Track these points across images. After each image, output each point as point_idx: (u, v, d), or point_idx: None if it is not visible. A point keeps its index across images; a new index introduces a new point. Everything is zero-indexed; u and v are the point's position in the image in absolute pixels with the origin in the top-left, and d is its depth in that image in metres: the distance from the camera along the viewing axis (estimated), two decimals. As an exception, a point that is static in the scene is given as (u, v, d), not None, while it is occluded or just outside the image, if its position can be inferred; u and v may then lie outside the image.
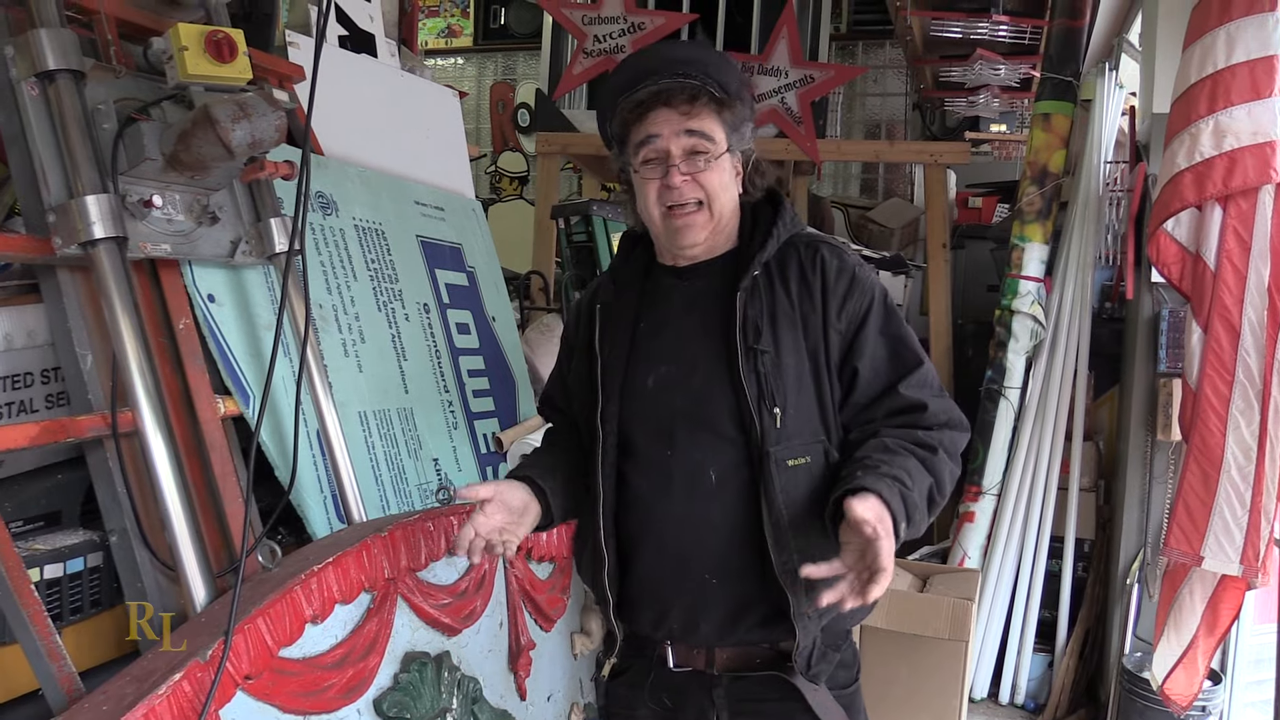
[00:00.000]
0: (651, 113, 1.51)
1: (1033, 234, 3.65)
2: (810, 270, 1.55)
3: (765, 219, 1.60)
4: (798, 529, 1.46)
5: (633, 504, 1.56)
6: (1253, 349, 2.54)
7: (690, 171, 1.50)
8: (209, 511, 1.69)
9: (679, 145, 1.50)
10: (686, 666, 1.58)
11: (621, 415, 1.57)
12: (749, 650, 1.56)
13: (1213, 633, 2.69)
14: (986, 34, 4.57)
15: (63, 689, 1.35)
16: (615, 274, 1.70)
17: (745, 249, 1.59)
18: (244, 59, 1.63)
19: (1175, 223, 2.71)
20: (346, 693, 1.54)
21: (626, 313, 1.62)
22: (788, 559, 1.45)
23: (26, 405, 1.63)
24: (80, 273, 1.60)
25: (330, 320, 2.15)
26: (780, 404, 1.48)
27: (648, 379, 1.57)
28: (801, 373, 1.52)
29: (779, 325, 1.52)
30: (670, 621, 1.56)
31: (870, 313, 1.54)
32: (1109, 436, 3.80)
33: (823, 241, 1.60)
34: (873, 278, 1.59)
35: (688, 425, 1.52)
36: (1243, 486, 2.55)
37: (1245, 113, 2.48)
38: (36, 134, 1.51)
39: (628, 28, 4.78)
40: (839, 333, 1.53)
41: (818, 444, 1.51)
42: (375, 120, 2.60)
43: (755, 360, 1.49)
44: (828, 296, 1.53)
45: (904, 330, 1.57)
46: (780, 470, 1.47)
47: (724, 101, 1.52)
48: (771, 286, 1.55)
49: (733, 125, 1.54)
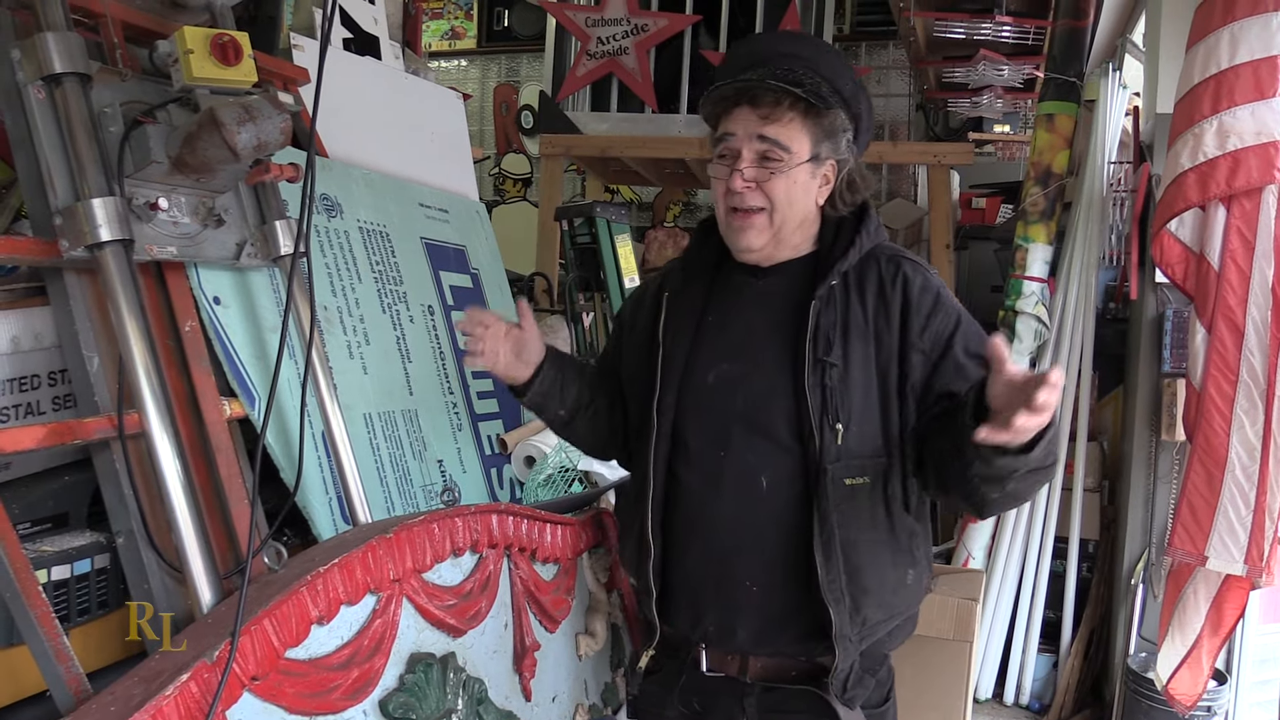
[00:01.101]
0: (735, 109, 1.48)
1: (1037, 235, 3.65)
2: (890, 285, 1.50)
3: (849, 226, 1.54)
4: (849, 548, 1.43)
5: (681, 499, 1.54)
6: (1257, 349, 2.53)
7: (755, 178, 1.45)
8: (215, 513, 1.70)
9: (751, 148, 1.45)
10: (719, 672, 1.56)
11: (678, 408, 1.54)
12: (784, 661, 1.53)
13: (1217, 632, 2.69)
14: (990, 35, 4.57)
15: (70, 690, 1.35)
16: (686, 263, 1.65)
17: (825, 255, 1.53)
18: (249, 62, 1.63)
19: (1179, 223, 2.71)
20: (352, 694, 1.54)
21: (694, 303, 1.59)
22: (835, 577, 1.43)
23: (34, 407, 1.64)
24: (87, 275, 1.61)
25: (335, 322, 2.15)
26: (844, 420, 1.44)
27: (708, 374, 1.53)
28: (869, 390, 1.47)
29: (850, 338, 1.47)
30: (706, 624, 1.54)
31: (957, 331, 1.48)
32: (1113, 437, 3.80)
33: (905, 257, 1.55)
34: (955, 299, 1.53)
35: (744, 428, 1.49)
36: (1247, 486, 2.55)
37: (1249, 113, 2.48)
38: (43, 137, 1.52)
39: (631, 29, 4.79)
40: (922, 353, 1.47)
41: (878, 464, 1.46)
42: (379, 122, 2.60)
43: (823, 372, 1.45)
44: (909, 315, 1.48)
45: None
46: (836, 488, 1.43)
47: (815, 108, 1.45)
48: (847, 297, 1.50)
49: (825, 133, 1.47)
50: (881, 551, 1.47)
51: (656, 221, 7.42)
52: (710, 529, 1.51)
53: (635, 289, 1.81)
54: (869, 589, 1.46)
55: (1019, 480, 1.34)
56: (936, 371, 1.47)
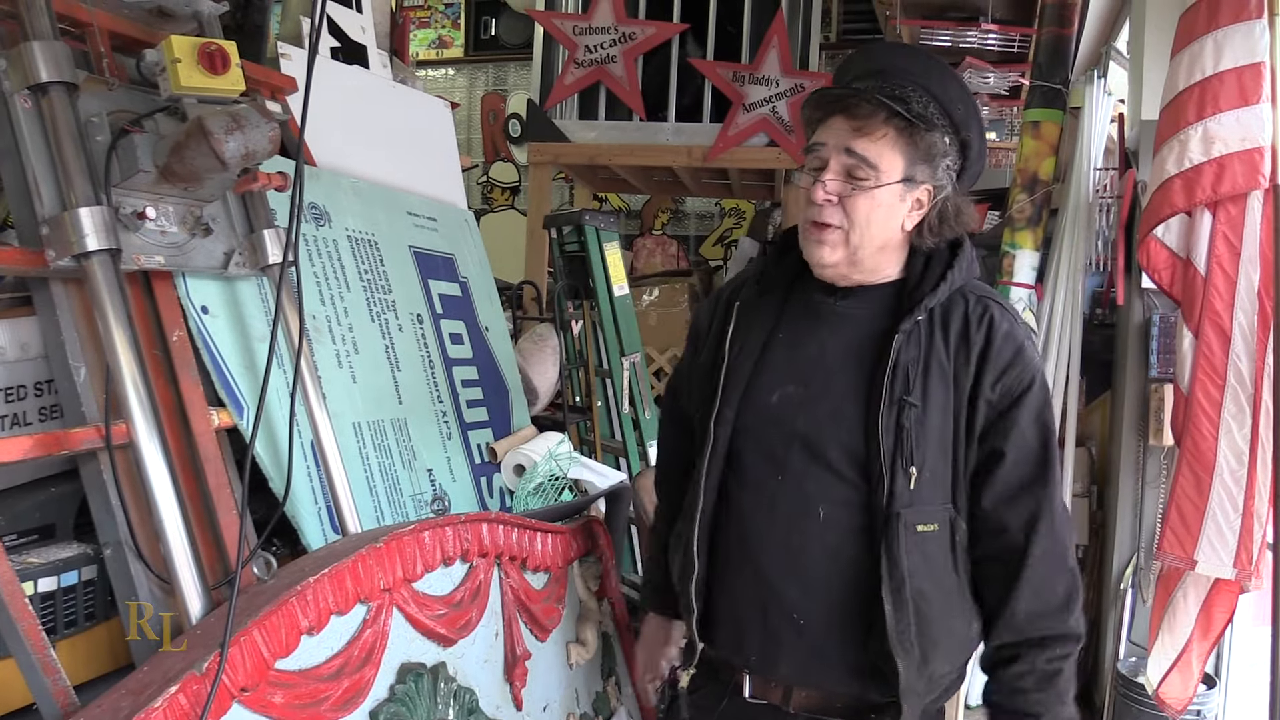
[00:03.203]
0: (831, 118, 1.41)
1: (1023, 241, 3.67)
2: (975, 327, 1.43)
3: (941, 258, 1.47)
4: (919, 598, 1.38)
5: (732, 520, 1.49)
6: (1244, 353, 2.55)
7: (837, 192, 1.39)
8: (204, 524, 1.69)
9: (838, 161, 1.39)
10: (762, 700, 1.51)
11: (736, 424, 1.49)
12: (830, 694, 1.48)
13: (1207, 636, 2.69)
14: (976, 42, 4.59)
15: (57, 703, 1.34)
16: (763, 273, 1.58)
17: (914, 287, 1.46)
18: (237, 71, 1.63)
19: (1165, 228, 2.72)
20: (343, 704, 1.53)
21: (766, 318, 1.53)
22: (905, 628, 1.37)
23: (20, 418, 1.63)
24: (74, 285, 1.60)
25: (324, 331, 2.15)
26: (919, 464, 1.38)
27: (773, 394, 1.47)
28: (945, 434, 1.41)
29: (931, 378, 1.41)
30: (748, 651, 1.49)
31: (1029, 393, 1.42)
32: (1101, 442, 3.81)
33: (994, 300, 1.47)
34: (1038, 359, 1.47)
35: (805, 454, 1.43)
36: (1235, 490, 2.56)
37: (1234, 119, 2.49)
38: (29, 146, 1.51)
39: (619, 38, 4.80)
40: (989, 403, 1.41)
41: (945, 510, 1.42)
42: (368, 131, 2.60)
43: (900, 412, 1.39)
44: (986, 361, 1.41)
45: (1053, 423, 1.46)
46: (909, 533, 1.38)
47: (914, 128, 1.37)
48: (932, 335, 1.43)
49: (921, 155, 1.39)
50: (952, 602, 1.43)
51: (645, 229, 7.44)
52: (759, 554, 1.45)
53: (712, 294, 1.73)
54: (939, 641, 1.41)
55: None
56: (996, 426, 1.42)
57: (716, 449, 1.49)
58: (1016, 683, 1.42)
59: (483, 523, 1.88)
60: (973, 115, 1.45)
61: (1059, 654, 1.42)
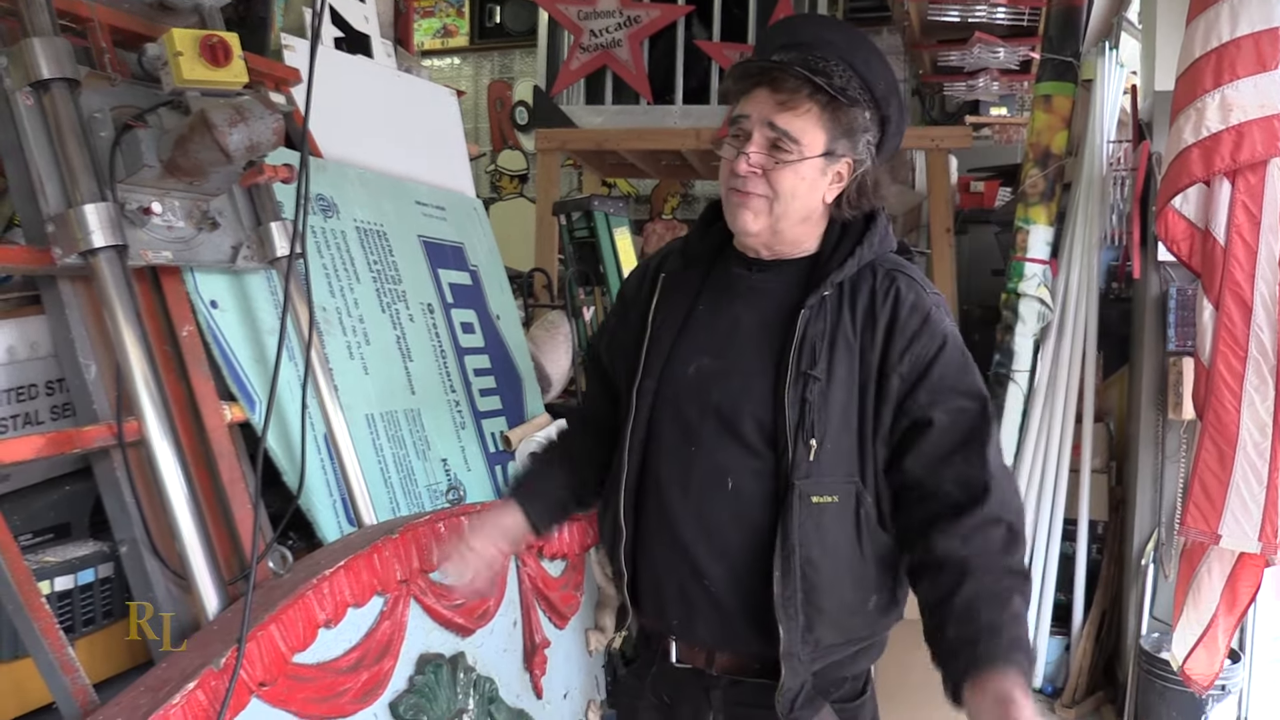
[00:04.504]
0: (755, 90, 1.40)
1: (1037, 216, 3.63)
2: (881, 299, 1.43)
3: (854, 232, 1.48)
4: (808, 566, 1.40)
5: (651, 489, 1.52)
6: (1265, 324, 2.51)
7: (760, 165, 1.40)
8: (218, 519, 1.68)
9: (761, 134, 1.39)
10: (687, 663, 1.55)
11: (656, 395, 1.51)
12: (747, 657, 1.51)
13: (1232, 611, 2.67)
14: (985, 17, 4.55)
15: (77, 702, 1.34)
16: (687, 246, 1.60)
17: (824, 261, 1.47)
18: (239, 63, 1.62)
19: (1183, 199, 2.69)
20: (362, 696, 1.53)
21: (688, 289, 1.55)
22: (790, 594, 1.40)
23: (32, 417, 1.62)
24: (81, 282, 1.59)
25: (334, 323, 2.14)
26: (819, 436, 1.39)
27: (689, 366, 1.50)
28: (849, 407, 1.42)
29: (836, 352, 1.42)
30: (670, 616, 1.52)
31: (939, 358, 1.41)
32: (1119, 417, 3.78)
33: (901, 271, 1.47)
34: (947, 322, 1.45)
35: (717, 428, 1.45)
36: (1259, 463, 2.53)
37: (1251, 85, 2.46)
38: (33, 144, 1.50)
39: (624, 21, 4.76)
40: (900, 376, 1.41)
41: (849, 484, 1.42)
42: (373, 121, 2.58)
43: (804, 386, 1.40)
44: (893, 334, 1.42)
45: (980, 385, 1.44)
46: (803, 504, 1.39)
47: (836, 103, 1.38)
48: (839, 308, 1.44)
49: (843, 130, 1.40)
50: (844, 574, 1.43)
51: (654, 214, 7.41)
52: (676, 522, 1.48)
53: (638, 264, 1.75)
54: (825, 610, 1.42)
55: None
56: (910, 397, 1.41)
57: (639, 419, 1.52)
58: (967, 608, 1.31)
59: (498, 512, 1.87)
60: (893, 91, 1.46)
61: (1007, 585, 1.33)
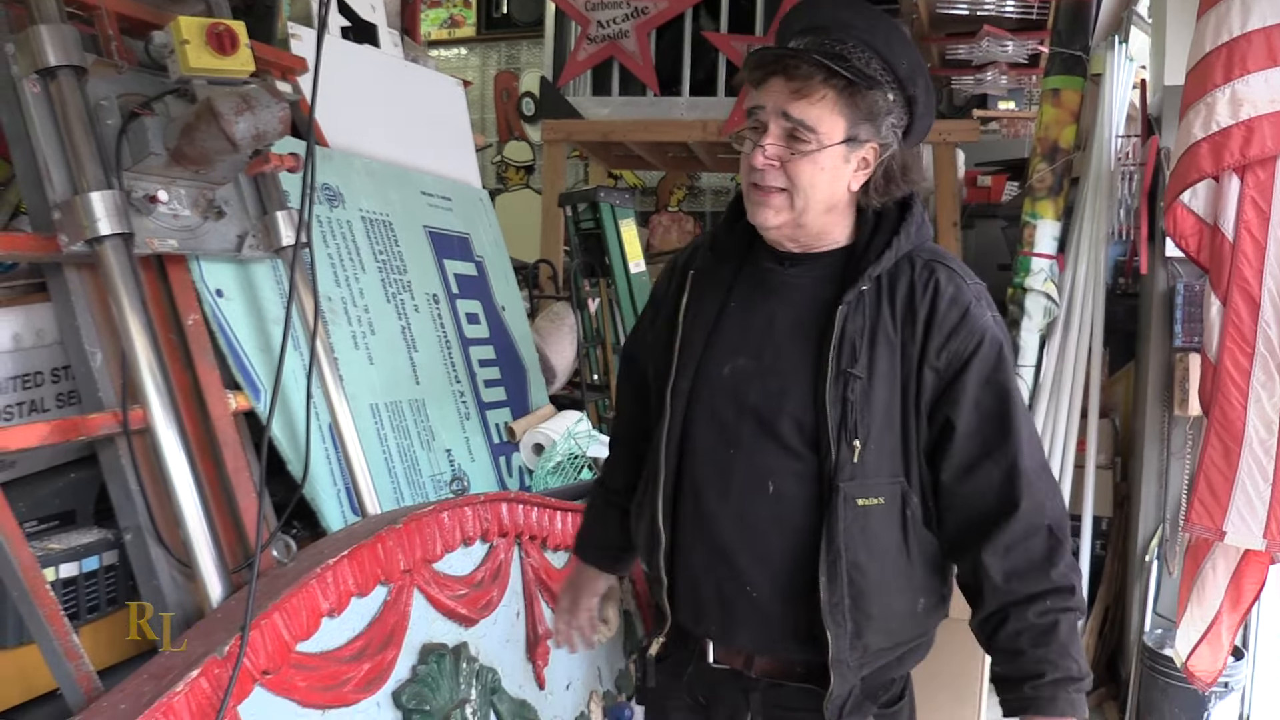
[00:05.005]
0: (770, 79, 1.35)
1: (1044, 211, 3.62)
2: (920, 293, 1.38)
3: (889, 222, 1.42)
4: (855, 571, 1.36)
5: (688, 493, 1.47)
6: (1273, 321, 2.50)
7: (778, 157, 1.34)
8: (223, 507, 1.69)
9: (778, 125, 1.34)
10: (725, 665, 1.51)
11: (691, 397, 1.47)
12: (789, 661, 1.47)
13: (1236, 608, 2.66)
14: (993, 10, 4.52)
15: (81, 688, 1.35)
16: (716, 240, 1.54)
17: (860, 253, 1.41)
18: (246, 51, 1.61)
19: (1192, 194, 2.67)
20: (365, 685, 1.53)
21: (718, 286, 1.50)
22: (838, 600, 1.36)
23: (38, 404, 1.63)
24: (87, 270, 1.59)
25: (339, 313, 2.14)
26: (862, 437, 1.35)
27: (724, 367, 1.45)
28: (892, 405, 1.37)
29: (877, 349, 1.37)
30: (708, 622, 1.48)
31: (975, 357, 1.36)
32: (1125, 413, 3.77)
33: (941, 263, 1.41)
34: (987, 318, 1.39)
35: (755, 429, 1.41)
36: (1265, 460, 2.52)
37: (1262, 80, 2.44)
38: (39, 131, 1.50)
39: (631, 12, 4.74)
40: (935, 371, 1.36)
41: (894, 485, 1.38)
42: (379, 111, 2.58)
43: (845, 385, 1.35)
44: (931, 328, 1.36)
45: (1012, 384, 1.39)
46: (848, 507, 1.35)
47: (854, 87, 1.32)
48: (878, 303, 1.39)
49: (864, 115, 1.34)
50: (892, 578, 1.40)
51: (660, 206, 7.40)
52: (714, 528, 1.44)
53: (670, 259, 1.73)
54: (873, 615, 1.39)
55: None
56: (945, 394, 1.37)
57: (673, 421, 1.48)
58: (1012, 644, 1.35)
59: (502, 502, 1.88)
60: (918, 70, 1.39)
61: (1050, 606, 1.34)
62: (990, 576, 1.36)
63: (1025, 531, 1.35)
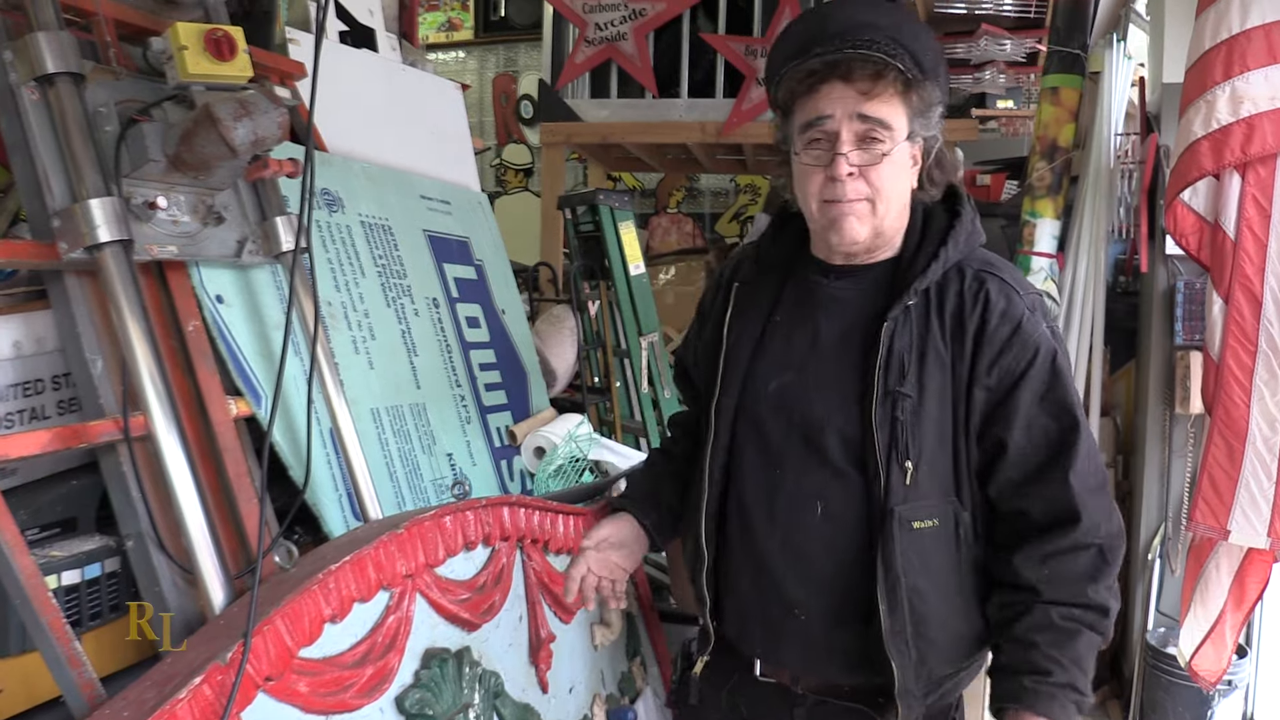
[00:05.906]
0: (825, 86, 1.30)
1: (1044, 209, 3.62)
2: (970, 305, 1.33)
3: (937, 229, 1.38)
4: (915, 596, 1.31)
5: (734, 512, 1.44)
6: (1275, 318, 2.50)
7: (861, 164, 1.30)
8: (224, 513, 1.68)
9: (851, 130, 1.29)
10: (772, 679, 1.48)
11: (736, 414, 1.43)
12: (836, 680, 1.44)
13: (1240, 607, 2.66)
14: (991, 9, 4.52)
15: (84, 696, 1.34)
16: (761, 252, 1.51)
17: (907, 263, 1.37)
18: (244, 57, 1.61)
19: (1193, 192, 2.67)
20: (368, 691, 1.53)
21: (763, 300, 1.46)
22: (900, 628, 1.31)
23: (38, 412, 1.62)
24: (87, 277, 1.59)
25: (340, 318, 2.14)
26: (914, 458, 1.30)
27: (770, 382, 1.41)
28: (943, 423, 1.32)
29: (927, 365, 1.32)
30: (753, 642, 1.46)
31: (1029, 374, 1.31)
32: (1126, 411, 3.77)
33: (993, 273, 1.36)
34: (1042, 330, 1.33)
35: (802, 447, 1.37)
36: (1268, 458, 2.52)
37: (1262, 77, 2.44)
38: (38, 138, 1.50)
39: (629, 14, 4.75)
40: (986, 389, 1.32)
41: (948, 505, 1.34)
42: (378, 115, 2.58)
43: (894, 404, 1.30)
44: (981, 343, 1.31)
45: (1070, 399, 1.34)
46: (904, 531, 1.30)
47: (914, 81, 1.29)
48: (926, 316, 1.34)
49: (919, 109, 1.33)
50: (952, 600, 1.36)
51: (660, 208, 7.40)
52: (760, 547, 1.40)
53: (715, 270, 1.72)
54: (936, 641, 1.35)
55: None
56: (996, 413, 1.32)
57: (718, 439, 1.44)
58: (1027, 636, 1.29)
59: (504, 506, 1.87)
60: (941, 60, 1.38)
61: (1078, 616, 1.29)
62: (1024, 575, 1.32)
63: (1073, 546, 1.31)
